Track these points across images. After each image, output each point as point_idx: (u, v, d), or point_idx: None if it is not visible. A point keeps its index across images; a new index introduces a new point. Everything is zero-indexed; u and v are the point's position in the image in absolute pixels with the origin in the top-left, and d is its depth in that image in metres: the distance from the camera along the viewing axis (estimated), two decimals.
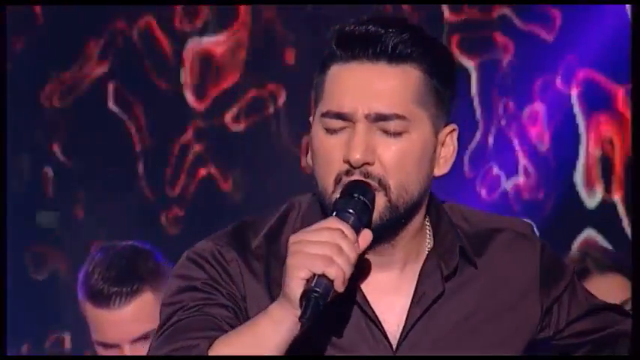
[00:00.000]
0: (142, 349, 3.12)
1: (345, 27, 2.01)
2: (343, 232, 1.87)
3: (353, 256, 1.88)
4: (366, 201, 1.95)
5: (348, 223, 1.90)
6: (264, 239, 2.07)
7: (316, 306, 1.84)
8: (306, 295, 1.84)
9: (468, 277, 2.09)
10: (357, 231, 1.91)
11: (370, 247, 1.95)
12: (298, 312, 1.85)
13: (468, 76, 4.32)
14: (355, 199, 1.94)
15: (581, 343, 2.16)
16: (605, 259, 3.41)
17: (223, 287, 2.01)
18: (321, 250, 1.85)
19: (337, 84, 2.00)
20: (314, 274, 1.85)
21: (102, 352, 3.22)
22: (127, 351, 3.17)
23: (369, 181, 1.97)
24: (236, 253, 2.04)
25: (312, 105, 2.07)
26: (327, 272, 1.84)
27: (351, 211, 1.92)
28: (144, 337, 3.14)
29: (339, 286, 1.86)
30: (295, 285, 1.85)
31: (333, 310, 1.92)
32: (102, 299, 3.16)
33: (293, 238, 1.89)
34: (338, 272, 1.85)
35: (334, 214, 1.93)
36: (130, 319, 3.17)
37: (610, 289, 3.21)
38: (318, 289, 1.84)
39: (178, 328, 1.97)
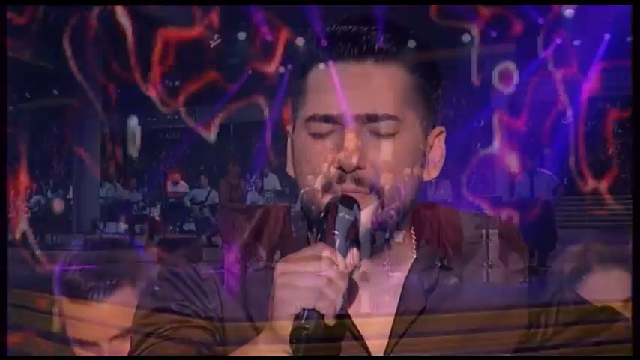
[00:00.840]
0: (121, 347, 3.01)
1: (325, 28, 1.91)
2: (332, 260, 1.78)
3: (343, 285, 1.79)
4: (352, 219, 1.85)
5: (334, 246, 1.81)
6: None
7: (307, 342, 1.77)
8: (295, 333, 1.77)
9: (452, 288, 2.01)
10: (345, 253, 1.82)
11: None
12: (287, 347, 1.77)
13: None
14: (341, 218, 1.84)
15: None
16: (608, 253, 3.25)
17: (199, 307, 1.94)
18: (310, 282, 1.76)
19: (323, 86, 1.90)
20: (304, 309, 1.77)
21: (79, 350, 3.11)
22: (106, 349, 3.05)
23: (359, 188, 1.88)
24: (212, 269, 1.96)
25: (292, 111, 1.98)
26: (318, 307, 1.76)
27: (337, 232, 1.83)
28: (123, 335, 3.01)
29: (330, 321, 1.77)
30: (284, 322, 1.77)
31: None
32: (79, 294, 3.03)
33: (280, 269, 1.80)
34: (329, 308, 1.76)
35: (319, 236, 1.84)
36: (108, 315, 3.03)
37: (614, 285, 3.08)
38: (308, 326, 1.77)
39: (154, 352, 1.89)
